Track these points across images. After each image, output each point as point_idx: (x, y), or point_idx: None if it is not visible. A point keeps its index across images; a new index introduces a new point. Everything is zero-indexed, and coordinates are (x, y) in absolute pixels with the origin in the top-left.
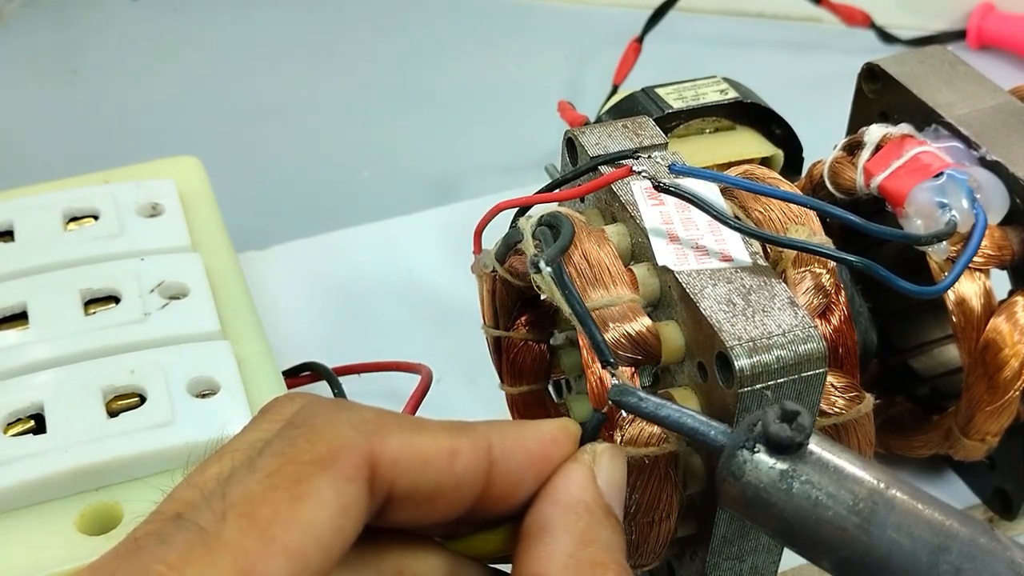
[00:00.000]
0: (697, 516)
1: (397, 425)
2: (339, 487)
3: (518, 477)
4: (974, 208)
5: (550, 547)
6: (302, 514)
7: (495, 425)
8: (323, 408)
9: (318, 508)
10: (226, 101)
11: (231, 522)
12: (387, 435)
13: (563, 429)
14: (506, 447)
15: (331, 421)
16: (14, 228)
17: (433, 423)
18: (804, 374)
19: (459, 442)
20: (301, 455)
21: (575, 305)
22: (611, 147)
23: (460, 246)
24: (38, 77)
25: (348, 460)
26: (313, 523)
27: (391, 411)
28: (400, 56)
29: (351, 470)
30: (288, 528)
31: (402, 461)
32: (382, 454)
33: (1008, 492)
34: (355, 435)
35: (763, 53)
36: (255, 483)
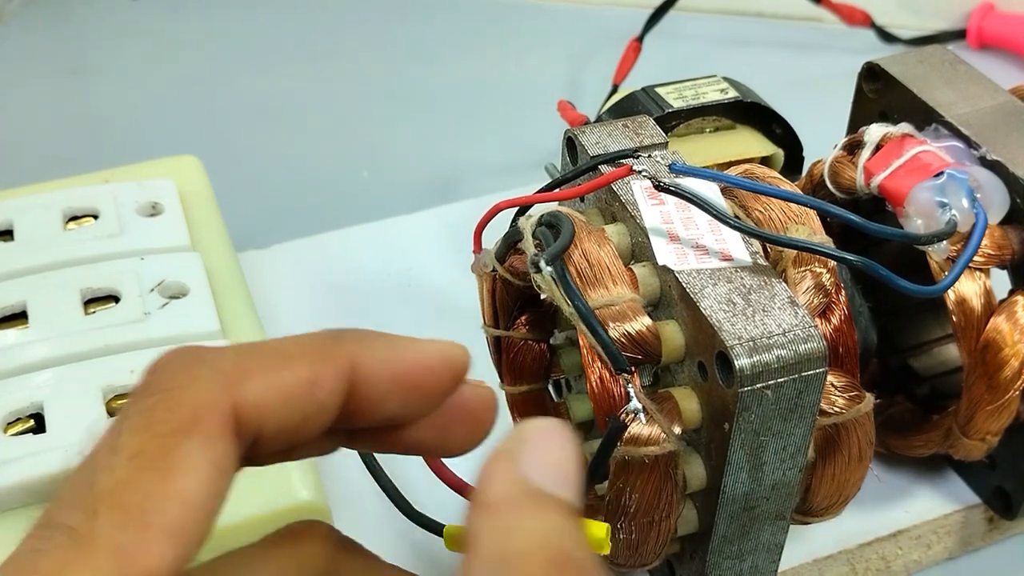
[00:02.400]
0: (697, 515)
1: (258, 365)
2: (207, 450)
3: (381, 398)
4: (974, 208)
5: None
6: (175, 490)
7: (365, 340)
8: (176, 365)
9: (190, 478)
10: (226, 101)
11: (103, 517)
12: (247, 381)
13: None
14: (372, 370)
15: (187, 381)
16: (14, 228)
17: (295, 347)
18: (804, 373)
19: (320, 370)
20: (162, 426)
21: (580, 307)
22: (611, 146)
23: (460, 245)
24: (38, 77)
25: (212, 419)
26: (189, 495)
27: (249, 345)
28: (400, 56)
29: (216, 429)
30: (164, 509)
31: (265, 405)
32: (244, 403)
33: (1008, 491)
34: (214, 390)
35: (763, 53)
36: (120, 467)
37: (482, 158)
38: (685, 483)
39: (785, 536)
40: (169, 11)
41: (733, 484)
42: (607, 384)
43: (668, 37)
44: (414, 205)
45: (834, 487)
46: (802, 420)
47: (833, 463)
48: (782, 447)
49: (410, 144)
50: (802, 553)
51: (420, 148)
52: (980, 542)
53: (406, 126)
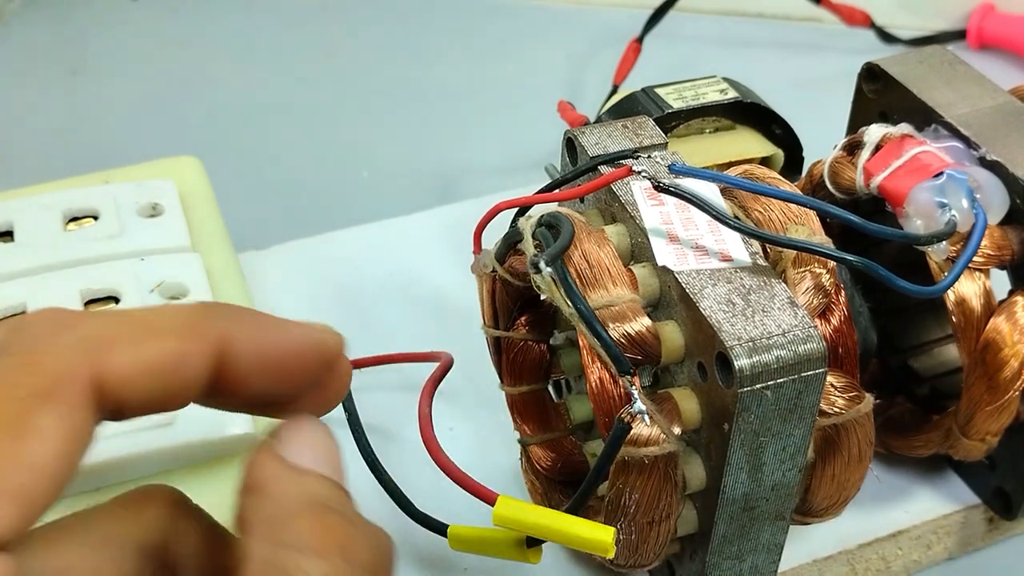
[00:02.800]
0: (697, 516)
1: (124, 336)
2: (63, 418)
3: (247, 379)
4: (974, 208)
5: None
6: (25, 454)
7: (235, 318)
8: (41, 328)
9: (42, 444)
10: (226, 101)
11: None
12: (112, 351)
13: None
14: (241, 349)
15: (50, 346)
16: (14, 228)
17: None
18: (804, 374)
19: (188, 346)
20: (19, 389)
21: (581, 309)
22: (611, 147)
23: (460, 246)
24: (38, 77)
25: (71, 387)
26: (38, 461)
27: (118, 313)
28: (400, 56)
29: (75, 397)
30: (12, 472)
31: (128, 377)
32: (108, 374)
33: (1008, 492)
34: (77, 357)
35: (763, 54)
36: None
37: (482, 158)
38: (685, 483)
39: (785, 536)
40: (169, 11)
41: (733, 484)
42: (607, 385)
43: (668, 38)
44: (414, 206)
45: (834, 487)
46: (802, 420)
47: (833, 463)
48: (782, 447)
49: (410, 144)
50: (802, 553)
51: (420, 148)
52: (980, 542)
53: (406, 126)
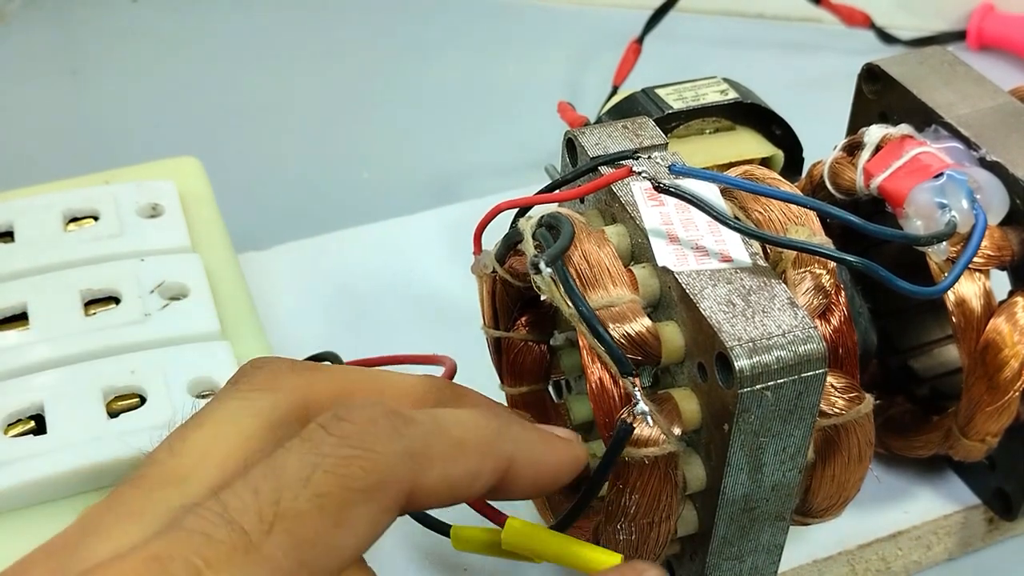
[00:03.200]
0: (697, 516)
1: (440, 454)
2: (377, 519)
3: (516, 490)
4: (974, 209)
5: None
6: (339, 541)
7: (522, 439)
8: (382, 429)
9: (352, 536)
10: (226, 101)
11: (276, 537)
12: (429, 467)
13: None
14: (521, 469)
15: (386, 449)
16: (14, 229)
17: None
18: (804, 375)
19: (483, 466)
20: (353, 482)
21: (583, 310)
22: (611, 148)
23: (460, 246)
24: (38, 77)
25: (391, 493)
26: (344, 549)
27: (437, 424)
28: (400, 56)
29: (391, 502)
30: (323, 554)
31: (434, 492)
32: (421, 488)
33: (1008, 492)
34: (404, 468)
35: (763, 53)
36: (305, 500)
37: (482, 159)
38: (685, 484)
39: (785, 537)
40: (169, 11)
41: (733, 485)
42: (607, 385)
43: (668, 38)
44: (414, 206)
45: (834, 488)
46: (802, 421)
47: (833, 464)
48: (782, 448)
49: (410, 145)
50: (802, 554)
51: (420, 149)
52: (980, 543)
53: (406, 127)
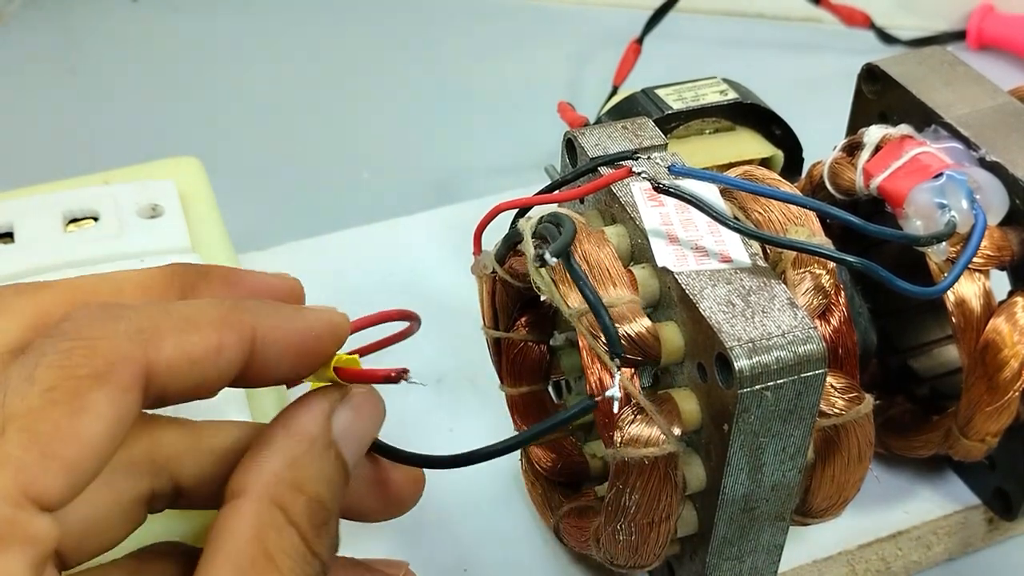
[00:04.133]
0: (697, 517)
1: (170, 327)
2: (115, 399)
3: (275, 363)
4: (973, 209)
5: (263, 462)
6: (80, 428)
7: (262, 310)
8: (97, 318)
9: (95, 422)
10: (226, 101)
11: (12, 436)
12: (161, 342)
13: (329, 325)
14: (268, 337)
15: (107, 332)
16: (14, 229)
17: (201, 312)
18: (804, 375)
19: (226, 336)
20: (78, 369)
21: (587, 294)
22: (611, 148)
23: (460, 247)
24: (38, 77)
25: (124, 372)
26: (91, 437)
27: (161, 307)
28: (400, 56)
29: (127, 381)
30: (67, 443)
31: (175, 366)
32: (156, 363)
33: (1008, 492)
34: (131, 346)
35: (763, 54)
36: (35, 397)
37: (482, 159)
38: (685, 484)
39: (785, 537)
40: (169, 11)
41: (733, 485)
42: (607, 385)
43: (668, 38)
44: (414, 206)
45: (834, 488)
46: (801, 421)
47: (832, 464)
48: (781, 448)
49: (410, 145)
50: (801, 554)
51: (420, 149)
52: (980, 543)
53: (406, 127)
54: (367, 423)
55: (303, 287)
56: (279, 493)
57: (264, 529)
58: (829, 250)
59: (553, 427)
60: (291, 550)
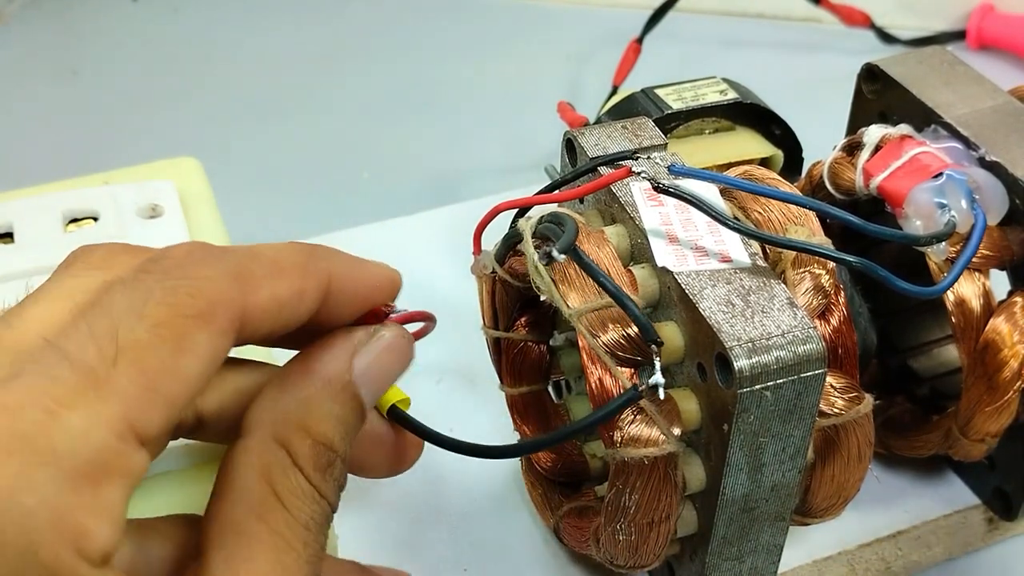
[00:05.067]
0: (697, 517)
1: (264, 273)
2: (214, 340)
3: (341, 309)
4: (973, 209)
5: (274, 401)
6: (183, 367)
7: (337, 261)
8: (199, 256)
9: (196, 361)
10: (226, 101)
11: (123, 368)
12: (258, 288)
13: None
14: (342, 285)
15: (207, 273)
16: (14, 230)
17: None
18: (803, 375)
19: (307, 283)
20: (185, 308)
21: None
22: (610, 148)
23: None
24: (38, 77)
25: (225, 315)
26: (190, 375)
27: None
28: (400, 56)
29: (226, 323)
30: (171, 380)
31: (267, 311)
32: (253, 307)
33: (1008, 492)
34: (231, 288)
35: (763, 53)
36: (143, 331)
37: (482, 159)
38: (685, 484)
39: (784, 537)
40: (169, 11)
41: (732, 485)
42: (607, 385)
43: (668, 38)
44: (414, 206)
45: (833, 488)
46: (801, 421)
47: (832, 464)
48: (781, 448)
49: (410, 145)
50: (801, 554)
51: (420, 149)
52: (980, 543)
53: (406, 127)
54: (392, 366)
55: None
56: (285, 433)
57: (269, 468)
58: (829, 250)
59: (598, 420)
60: (297, 490)
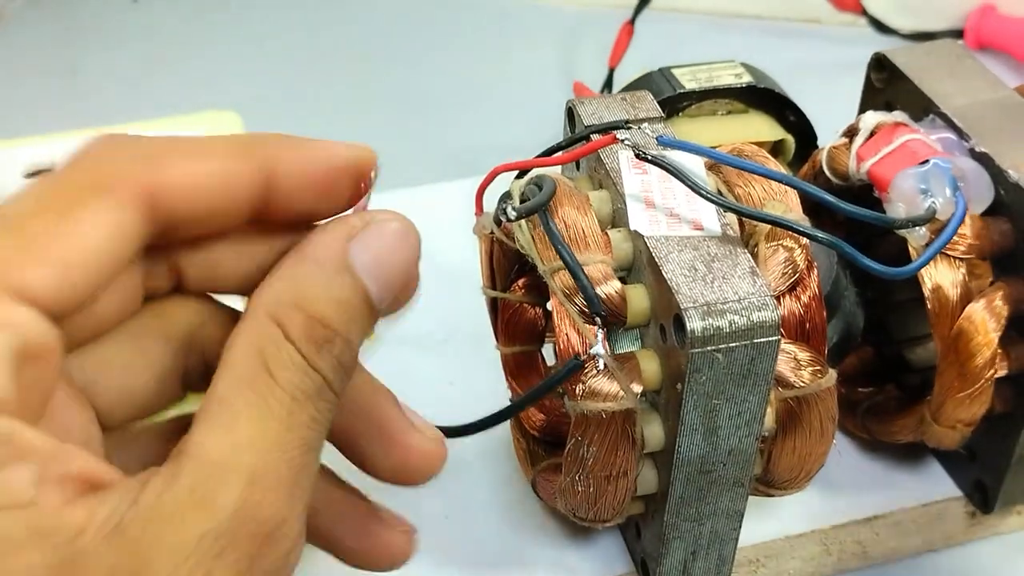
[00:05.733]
0: (657, 476)
1: (179, 152)
2: (112, 210)
3: (296, 195)
4: (955, 196)
5: (268, 284)
6: (70, 229)
7: (278, 141)
8: (106, 142)
9: (87, 226)
10: (226, 102)
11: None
12: (167, 164)
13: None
14: (288, 169)
15: (111, 154)
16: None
17: (216, 143)
18: (756, 340)
19: (238, 164)
20: (74, 183)
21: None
22: (606, 118)
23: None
24: (38, 77)
25: (124, 188)
26: (81, 238)
27: (172, 137)
28: (400, 56)
29: (126, 197)
30: (54, 239)
31: (181, 188)
32: (162, 183)
33: (986, 485)
34: (133, 165)
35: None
36: (27, 204)
37: (501, 137)
38: (644, 442)
39: (744, 504)
40: (169, 11)
41: (688, 446)
42: (573, 342)
43: (666, 37)
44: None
45: (795, 460)
46: (756, 387)
47: (794, 435)
48: (736, 413)
49: (433, 124)
50: (773, 528)
51: (443, 128)
52: (962, 537)
53: (406, 127)
54: (394, 249)
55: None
56: (278, 310)
57: (262, 343)
58: (797, 224)
59: (542, 390)
60: (289, 363)
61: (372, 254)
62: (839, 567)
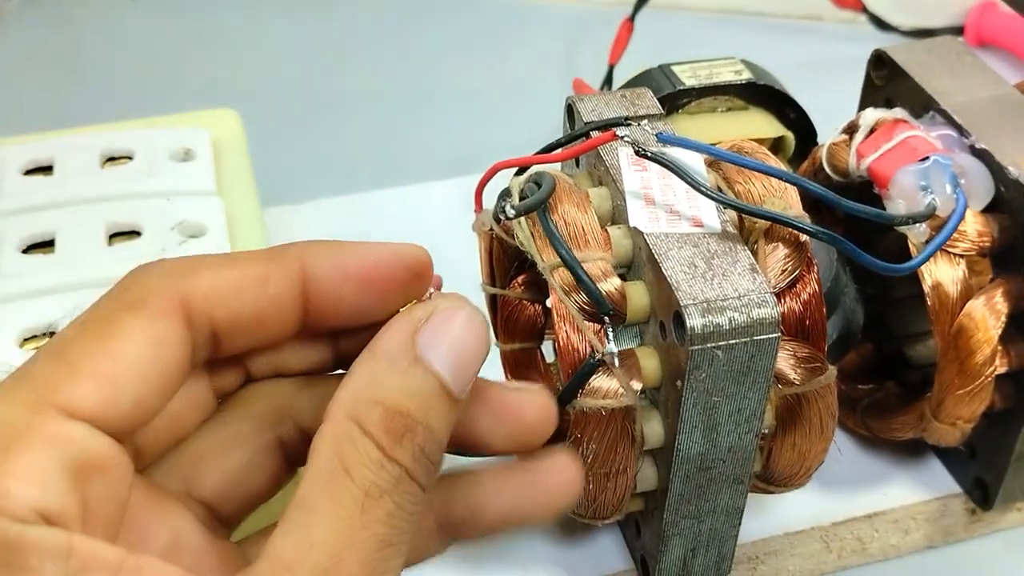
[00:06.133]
0: (657, 474)
1: (208, 264)
2: (148, 324)
3: (336, 293)
4: (955, 193)
5: (347, 384)
6: (110, 347)
7: (311, 246)
8: (137, 269)
9: (126, 341)
10: (226, 102)
11: (40, 360)
12: (196, 275)
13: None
14: (320, 267)
15: (143, 276)
16: (55, 163)
17: (247, 255)
18: (756, 337)
19: (269, 267)
20: (110, 304)
21: (562, 252)
22: (606, 115)
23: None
24: (38, 77)
25: (156, 302)
26: (121, 353)
27: (202, 256)
28: (399, 54)
29: (159, 310)
30: (95, 357)
31: (214, 294)
32: (193, 292)
33: (986, 482)
34: (163, 281)
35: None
36: (66, 331)
37: (503, 137)
38: (643, 440)
39: (744, 501)
40: (169, 11)
41: (687, 443)
42: (573, 341)
43: (667, 35)
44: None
45: (795, 456)
46: (755, 385)
47: (793, 432)
48: (736, 410)
49: (434, 124)
50: (773, 525)
51: (445, 127)
52: (963, 533)
53: (408, 127)
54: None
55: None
56: (355, 408)
57: (340, 443)
58: (796, 221)
59: (572, 391)
60: (365, 459)
61: (441, 343)
62: (839, 564)
